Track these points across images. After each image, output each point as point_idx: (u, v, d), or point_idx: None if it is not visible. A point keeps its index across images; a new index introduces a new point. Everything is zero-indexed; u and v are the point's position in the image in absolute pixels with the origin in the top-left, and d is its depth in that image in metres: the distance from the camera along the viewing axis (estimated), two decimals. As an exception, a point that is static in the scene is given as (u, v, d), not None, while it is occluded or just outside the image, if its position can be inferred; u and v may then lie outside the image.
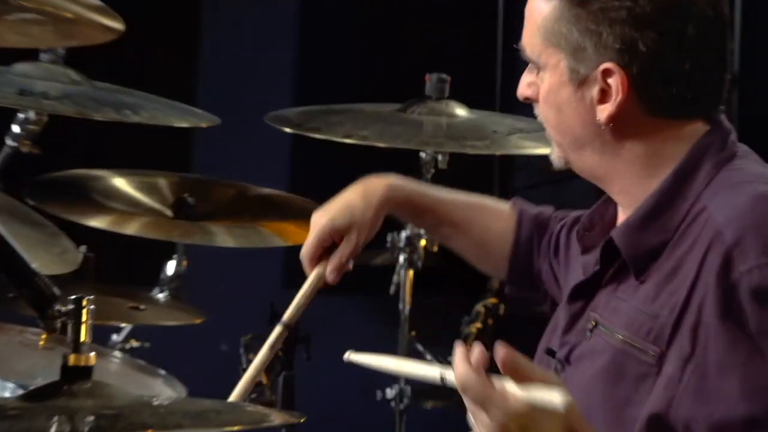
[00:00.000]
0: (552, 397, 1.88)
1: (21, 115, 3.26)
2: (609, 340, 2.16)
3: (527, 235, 2.63)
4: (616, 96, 2.16)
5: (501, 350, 1.93)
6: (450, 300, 4.86)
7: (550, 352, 2.27)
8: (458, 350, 1.99)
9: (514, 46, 2.29)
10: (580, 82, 2.18)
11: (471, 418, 1.99)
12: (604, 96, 2.17)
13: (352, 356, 2.23)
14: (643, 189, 2.20)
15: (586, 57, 2.16)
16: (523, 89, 2.27)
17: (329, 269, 2.56)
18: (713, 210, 2.13)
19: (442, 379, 2.07)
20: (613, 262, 2.21)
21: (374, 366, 2.31)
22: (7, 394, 2.41)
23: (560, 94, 2.20)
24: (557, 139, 2.24)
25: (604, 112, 2.17)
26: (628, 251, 2.17)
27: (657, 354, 2.10)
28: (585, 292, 2.26)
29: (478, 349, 1.97)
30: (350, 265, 2.57)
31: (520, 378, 1.93)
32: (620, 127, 2.18)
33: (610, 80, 2.16)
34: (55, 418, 1.63)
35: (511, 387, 1.94)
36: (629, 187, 2.22)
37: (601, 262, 2.23)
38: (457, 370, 1.97)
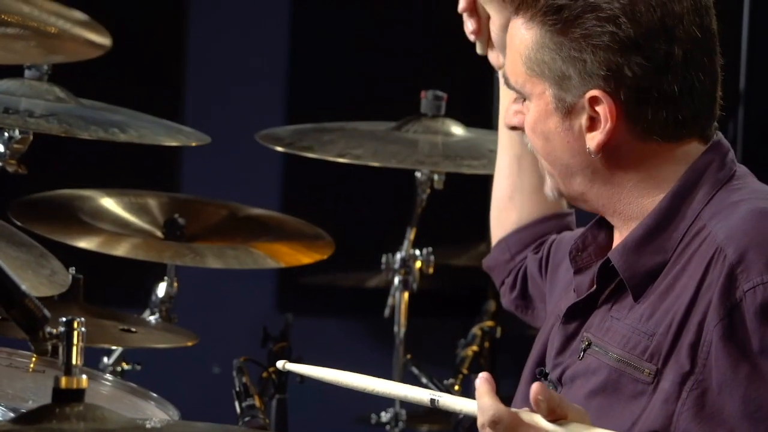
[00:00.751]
0: None
1: (5, 134, 3.21)
2: (603, 359, 2.14)
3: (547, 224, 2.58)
4: (605, 123, 2.12)
5: (534, 386, 1.91)
6: (446, 322, 4.82)
7: (542, 374, 2.24)
8: (483, 383, 1.96)
9: (500, 73, 2.27)
10: (567, 111, 2.15)
11: None
12: (592, 124, 2.14)
13: (287, 365, 2.18)
14: (639, 210, 2.17)
15: (571, 85, 2.13)
16: (509, 118, 2.24)
17: None
18: (713, 227, 2.10)
19: (432, 401, 2.06)
20: (609, 283, 2.19)
21: (318, 377, 2.25)
22: (-2, 418, 2.37)
23: (547, 123, 2.17)
24: (549, 169, 2.22)
25: (593, 140, 2.14)
26: (626, 272, 2.14)
27: (653, 372, 2.07)
28: (580, 313, 2.23)
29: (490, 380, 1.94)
30: None
31: (553, 414, 1.91)
32: (611, 154, 2.15)
33: (597, 108, 2.13)
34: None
35: (542, 423, 1.92)
36: (623, 209, 2.19)
37: (597, 282, 2.20)
38: (484, 404, 1.94)
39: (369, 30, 5.24)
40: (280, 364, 2.18)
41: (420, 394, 2.11)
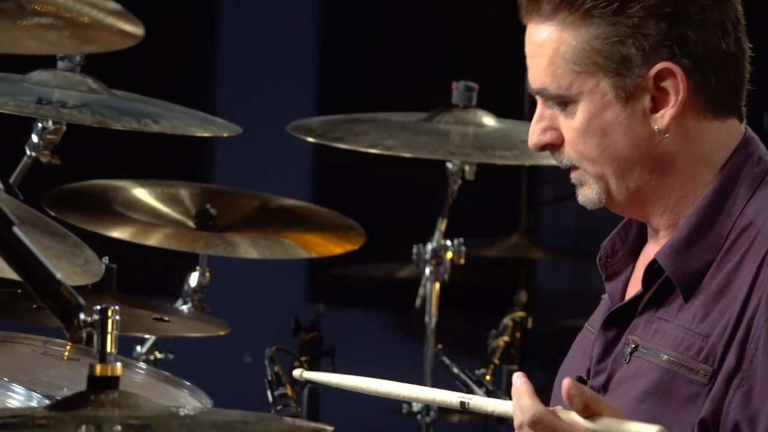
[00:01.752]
0: (650, 430, 1.86)
1: (39, 125, 3.23)
2: (653, 361, 2.11)
3: None
4: (676, 96, 2.11)
5: (566, 382, 1.91)
6: (477, 313, 4.81)
7: (581, 381, 2.20)
8: (521, 383, 1.96)
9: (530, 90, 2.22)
10: (628, 97, 2.12)
11: None
12: (656, 103, 2.13)
13: (305, 374, 2.15)
14: (689, 203, 2.16)
15: (633, 66, 2.11)
16: (539, 137, 2.19)
17: None
18: (762, 225, 2.09)
19: (462, 404, 2.06)
20: (653, 284, 2.17)
21: (334, 384, 2.26)
22: (33, 405, 2.38)
23: (604, 117, 2.13)
24: (600, 171, 2.16)
25: (663, 118, 2.12)
26: (675, 273, 2.13)
27: (709, 373, 2.06)
28: (620, 318, 2.20)
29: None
30: None
31: (587, 410, 1.91)
32: (674, 134, 2.13)
33: (663, 83, 2.11)
34: (83, 428, 1.59)
35: (579, 420, 1.92)
36: (675, 203, 2.17)
37: (643, 285, 2.18)
38: (524, 404, 1.94)
39: (401, 21, 5.24)
40: (296, 373, 2.14)
41: (449, 397, 2.10)
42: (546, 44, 2.15)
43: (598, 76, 2.12)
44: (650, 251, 2.21)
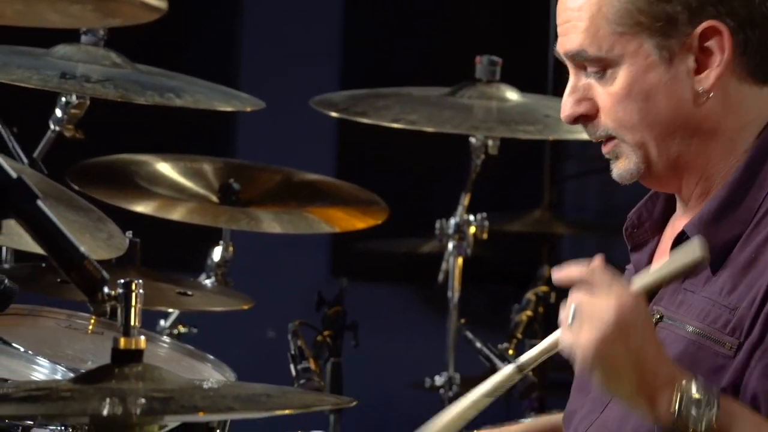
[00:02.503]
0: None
1: (63, 99, 3.23)
2: (679, 332, 2.10)
3: None
4: (721, 56, 2.09)
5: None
6: (500, 288, 4.82)
7: None
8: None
9: (557, 54, 2.19)
10: (672, 58, 2.10)
11: (569, 315, 1.98)
12: (700, 65, 2.10)
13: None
14: (725, 169, 2.14)
15: (678, 25, 2.08)
16: (573, 109, 2.16)
17: None
18: None
19: (520, 368, 2.10)
20: None
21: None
22: (58, 377, 2.40)
23: (647, 80, 2.11)
24: (640, 139, 2.13)
25: (708, 79, 2.10)
26: None
27: (735, 346, 2.04)
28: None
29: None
30: None
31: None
32: (717, 96, 2.11)
33: (708, 43, 2.09)
34: (107, 401, 1.60)
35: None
36: (712, 170, 2.15)
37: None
38: (580, 269, 2.02)
39: (424, -5, 5.23)
40: None
41: (503, 372, 2.11)
42: (585, 7, 2.12)
43: (641, 37, 2.10)
44: (678, 222, 2.20)
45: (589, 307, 1.97)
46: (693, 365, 2.05)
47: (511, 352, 3.73)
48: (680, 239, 2.15)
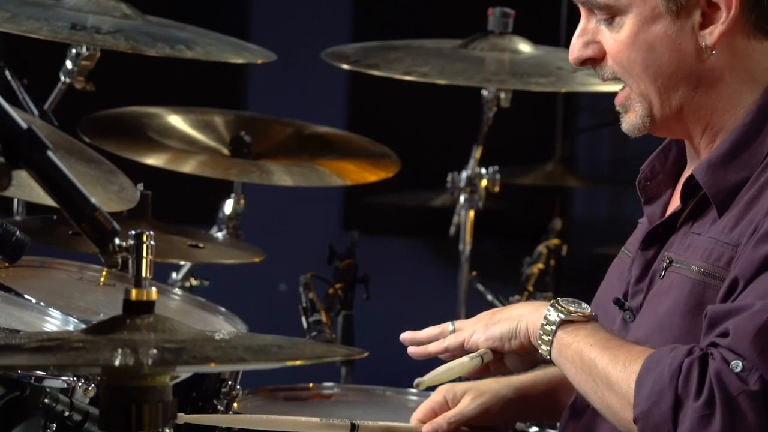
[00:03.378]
0: None
1: (73, 51, 3.22)
2: (685, 274, 2.12)
3: None
4: (727, 12, 2.09)
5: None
6: (511, 241, 4.81)
7: (618, 303, 2.22)
8: None
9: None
10: (678, 10, 2.11)
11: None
12: (706, 20, 2.11)
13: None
14: (731, 121, 2.15)
15: None
16: (581, 51, 2.18)
17: None
18: None
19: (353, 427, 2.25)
20: (691, 201, 2.17)
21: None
22: (70, 329, 2.40)
23: (652, 30, 2.12)
24: (644, 89, 2.15)
25: (712, 35, 2.11)
26: (711, 189, 2.12)
27: None
28: (659, 237, 2.21)
29: None
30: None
31: None
32: (721, 51, 2.12)
33: None
34: (119, 351, 1.60)
35: None
36: (716, 121, 2.16)
37: (682, 201, 2.18)
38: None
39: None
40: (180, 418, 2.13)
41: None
42: None
43: None
44: (689, 172, 2.20)
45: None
46: (700, 304, 2.07)
47: (522, 304, 3.73)
48: (689, 183, 2.16)
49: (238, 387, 2.79)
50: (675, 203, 2.23)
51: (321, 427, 2.28)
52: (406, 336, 2.33)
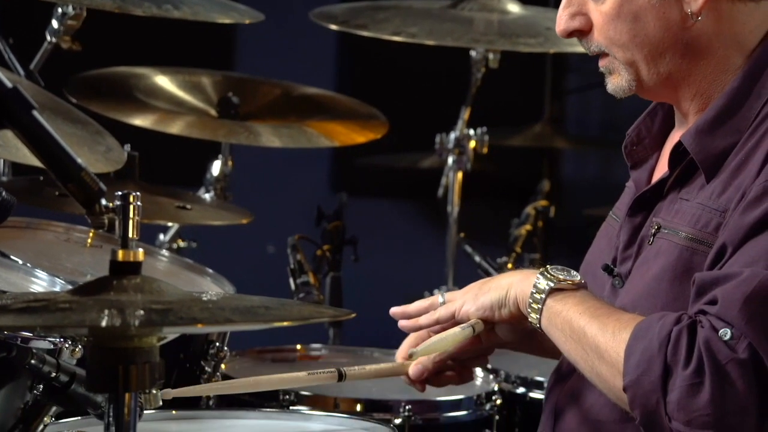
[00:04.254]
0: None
1: (59, 10, 3.20)
2: (673, 240, 2.12)
3: None
4: None
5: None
6: (499, 202, 4.81)
7: (608, 269, 2.22)
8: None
9: None
10: None
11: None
12: None
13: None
14: (719, 86, 2.15)
15: None
16: (568, 23, 2.18)
17: None
18: None
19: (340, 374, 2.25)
20: (678, 166, 2.17)
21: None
22: (57, 290, 2.39)
23: (636, 1, 2.12)
24: (630, 58, 2.15)
25: (697, 0, 2.10)
26: (699, 154, 2.12)
27: None
28: (646, 204, 2.21)
29: None
30: None
31: None
32: (707, 17, 2.11)
33: None
34: (106, 312, 1.59)
35: None
36: (705, 87, 2.16)
37: (670, 166, 2.18)
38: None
39: None
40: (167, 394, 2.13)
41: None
42: None
43: None
44: (677, 137, 2.20)
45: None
46: (688, 270, 2.07)
47: (509, 266, 3.74)
48: (677, 150, 2.16)
49: (225, 348, 2.80)
50: (662, 168, 2.23)
51: (309, 380, 2.27)
52: (396, 311, 2.33)
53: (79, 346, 2.11)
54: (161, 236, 3.69)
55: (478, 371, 3.04)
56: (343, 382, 2.26)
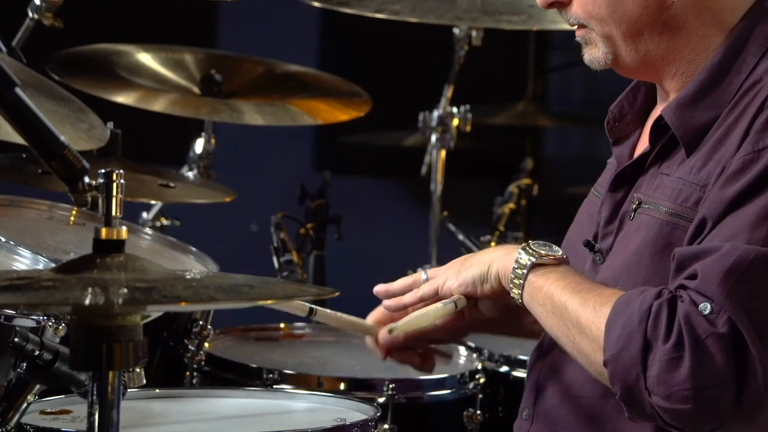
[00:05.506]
0: None
1: (41, -14, 3.18)
2: (654, 215, 2.13)
3: None
4: None
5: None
6: (483, 180, 4.81)
7: (589, 245, 2.23)
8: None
9: None
10: None
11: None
12: None
13: None
14: (699, 64, 2.15)
15: None
16: None
17: None
18: None
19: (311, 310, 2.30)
20: (660, 141, 2.17)
21: None
22: (40, 268, 2.39)
23: None
24: (608, 32, 2.16)
25: None
26: (679, 129, 2.13)
27: None
28: (627, 179, 2.21)
29: None
30: None
31: None
32: None
33: None
34: (89, 290, 1.59)
35: None
36: (685, 66, 2.17)
37: (651, 142, 2.18)
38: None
39: None
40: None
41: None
42: None
43: None
44: (658, 113, 2.20)
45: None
46: (668, 245, 2.08)
47: (493, 244, 3.74)
48: (658, 124, 2.16)
49: (209, 327, 2.79)
50: (643, 144, 2.23)
51: (283, 306, 2.30)
52: (379, 289, 2.34)
53: (63, 324, 2.11)
54: (144, 214, 3.68)
55: (461, 350, 3.04)
56: (312, 317, 2.29)
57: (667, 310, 1.97)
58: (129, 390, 1.99)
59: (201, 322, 2.79)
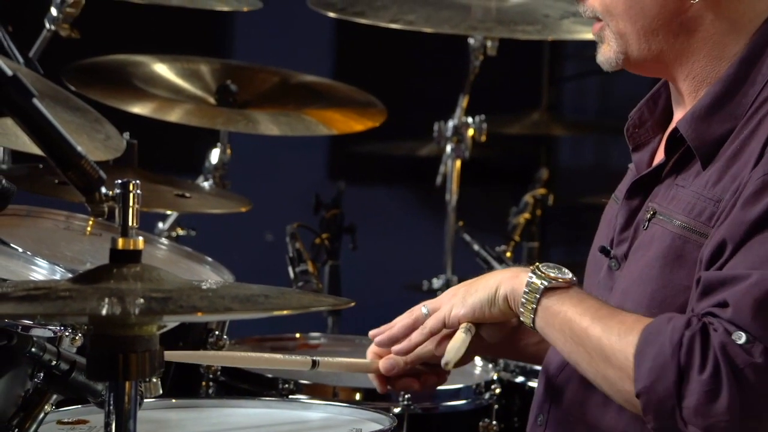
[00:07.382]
0: None
1: (58, -3, 3.20)
2: (667, 227, 2.11)
3: None
4: None
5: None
6: (498, 190, 4.82)
7: (604, 251, 2.22)
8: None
9: None
10: None
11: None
12: None
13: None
14: (713, 71, 2.14)
15: None
16: None
17: None
18: None
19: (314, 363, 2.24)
20: (675, 153, 2.16)
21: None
22: (57, 278, 2.40)
23: None
24: (623, 29, 2.15)
25: None
26: (695, 141, 2.11)
27: None
28: (643, 187, 2.20)
29: None
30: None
31: None
32: (706, 1, 2.11)
33: None
34: (106, 300, 1.59)
35: None
36: (698, 71, 2.16)
37: (666, 153, 2.17)
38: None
39: None
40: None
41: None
42: None
43: None
44: (674, 124, 2.19)
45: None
46: (679, 258, 2.07)
47: (508, 254, 3.74)
48: (673, 136, 2.15)
49: (225, 337, 2.80)
50: (662, 152, 2.23)
51: (283, 363, 2.28)
52: (380, 335, 2.27)
53: (80, 335, 2.11)
54: (160, 224, 3.69)
55: (477, 360, 3.04)
56: (315, 369, 2.25)
57: (700, 340, 1.94)
58: (145, 400, 1.99)
59: (217, 332, 2.80)
